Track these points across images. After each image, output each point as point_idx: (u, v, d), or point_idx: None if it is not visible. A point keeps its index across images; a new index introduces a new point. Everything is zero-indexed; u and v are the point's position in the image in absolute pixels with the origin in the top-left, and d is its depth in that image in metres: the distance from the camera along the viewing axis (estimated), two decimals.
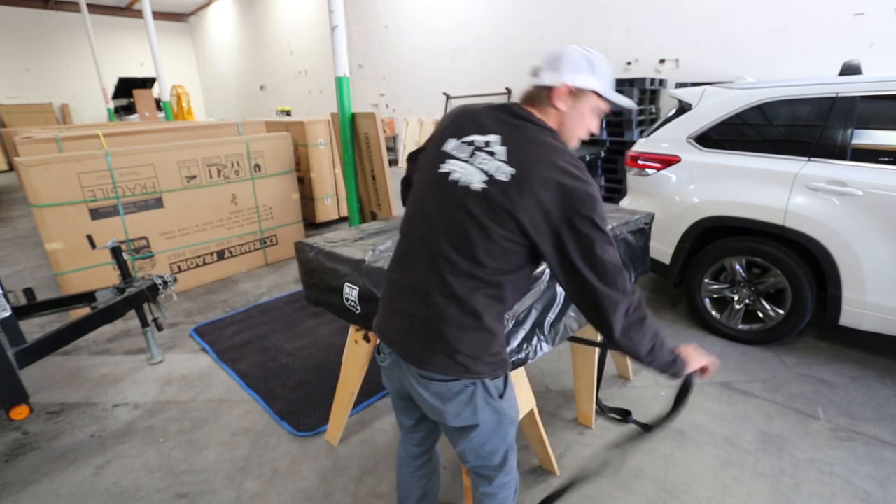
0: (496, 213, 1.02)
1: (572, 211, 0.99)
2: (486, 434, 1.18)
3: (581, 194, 1.00)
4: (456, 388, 1.11)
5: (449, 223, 1.07)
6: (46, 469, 2.04)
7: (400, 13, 9.84)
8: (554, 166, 1.01)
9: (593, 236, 1.00)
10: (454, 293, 1.05)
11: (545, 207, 1.00)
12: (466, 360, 1.07)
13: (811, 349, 2.79)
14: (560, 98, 1.10)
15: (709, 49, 5.79)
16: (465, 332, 1.07)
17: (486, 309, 1.07)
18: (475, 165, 1.06)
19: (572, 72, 1.09)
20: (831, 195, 2.44)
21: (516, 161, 1.03)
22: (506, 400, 1.18)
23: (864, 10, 4.68)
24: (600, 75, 1.11)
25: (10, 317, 2.17)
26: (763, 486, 1.83)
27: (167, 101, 9.92)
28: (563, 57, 1.11)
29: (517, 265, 1.07)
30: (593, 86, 1.10)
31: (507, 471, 1.28)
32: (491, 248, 1.03)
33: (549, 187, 1.00)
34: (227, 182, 4.09)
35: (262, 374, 2.65)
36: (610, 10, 6.61)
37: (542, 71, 1.13)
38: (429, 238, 1.10)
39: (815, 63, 5.03)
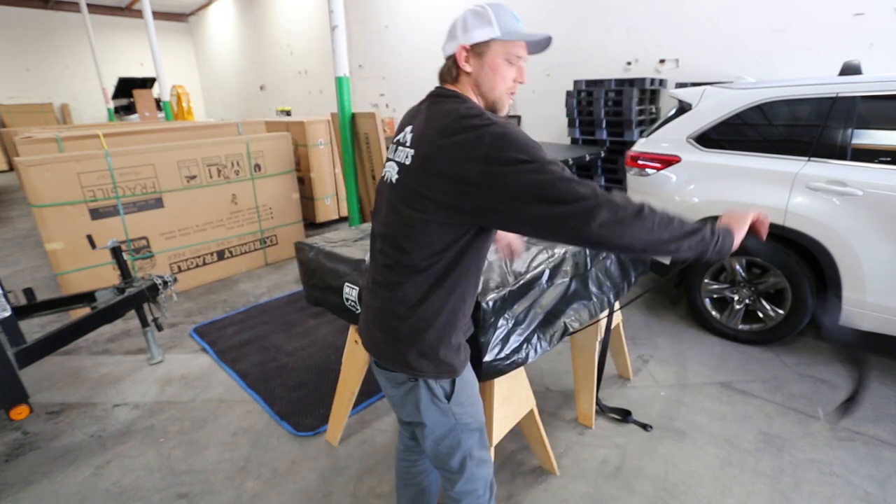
0: (409, 198, 1.02)
1: (481, 160, 0.92)
2: (436, 436, 1.18)
3: (479, 141, 0.93)
4: (400, 379, 1.15)
5: (383, 218, 1.11)
6: (46, 469, 2.04)
7: (400, 13, 9.84)
8: (446, 130, 0.98)
9: (517, 173, 0.91)
10: (390, 282, 1.09)
11: (453, 174, 0.94)
12: (408, 353, 1.09)
13: (811, 349, 2.80)
14: (463, 61, 1.07)
15: (709, 49, 5.79)
16: (402, 322, 1.08)
17: (426, 299, 1.06)
18: (395, 160, 1.09)
19: (463, 32, 1.07)
20: (831, 195, 2.44)
21: (416, 141, 1.04)
22: (457, 405, 1.15)
23: (864, 10, 4.68)
24: (493, 22, 1.05)
25: (10, 317, 2.17)
26: (763, 486, 1.83)
27: (167, 101, 9.92)
28: (455, 23, 1.11)
29: (445, 245, 1.02)
30: (489, 35, 1.05)
31: (467, 479, 1.22)
32: (411, 233, 1.03)
33: (446, 152, 0.96)
34: (227, 182, 4.09)
35: (262, 374, 2.65)
36: (610, 10, 6.61)
37: (444, 45, 1.13)
38: (375, 235, 1.16)
39: (815, 63, 5.02)
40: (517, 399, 1.69)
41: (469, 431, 1.19)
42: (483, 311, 1.32)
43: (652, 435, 2.13)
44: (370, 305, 1.18)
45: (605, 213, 0.90)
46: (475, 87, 1.10)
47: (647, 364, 2.69)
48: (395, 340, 1.11)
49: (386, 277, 1.10)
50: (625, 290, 2.02)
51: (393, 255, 1.07)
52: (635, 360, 2.71)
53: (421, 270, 1.05)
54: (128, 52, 15.91)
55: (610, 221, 0.90)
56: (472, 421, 1.20)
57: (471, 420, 1.19)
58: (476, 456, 1.22)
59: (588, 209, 0.90)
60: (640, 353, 2.79)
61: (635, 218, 0.93)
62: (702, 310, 3.00)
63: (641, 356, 2.76)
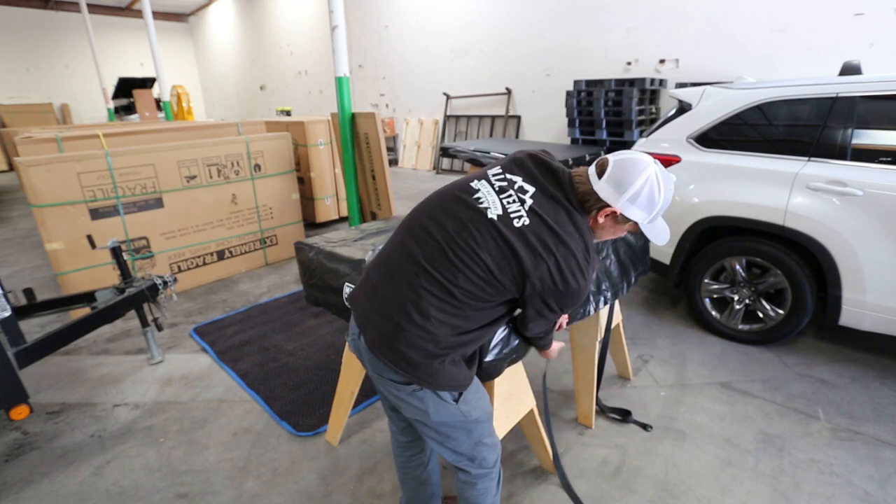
0: (491, 244, 1.07)
1: (542, 290, 1.08)
2: (447, 429, 1.22)
3: (556, 285, 1.08)
4: (406, 390, 1.17)
5: (455, 231, 1.10)
6: (46, 469, 2.04)
7: (400, 13, 9.84)
8: (558, 253, 1.08)
9: (541, 310, 1.14)
10: (419, 286, 1.10)
11: (525, 271, 1.06)
12: (403, 353, 1.12)
13: (811, 349, 2.80)
14: (605, 217, 1.13)
15: (709, 49, 5.80)
16: (410, 326, 1.10)
17: (442, 323, 1.10)
18: (499, 198, 1.11)
19: (630, 202, 1.09)
20: (831, 195, 2.44)
21: (533, 220, 1.09)
22: (464, 403, 1.20)
23: (864, 10, 4.68)
24: (653, 210, 1.11)
25: (10, 317, 2.17)
26: (763, 486, 1.83)
27: (167, 101, 9.93)
28: (631, 183, 1.08)
29: (488, 298, 1.11)
30: (640, 219, 1.12)
31: (479, 464, 1.29)
32: (472, 274, 1.07)
33: (539, 259, 1.06)
34: (227, 182, 4.09)
35: (262, 374, 2.65)
36: (610, 10, 6.61)
37: (607, 178, 1.10)
38: (430, 236, 1.12)
39: (815, 63, 5.03)
40: (517, 399, 1.69)
41: (477, 423, 1.24)
42: None
43: (652, 435, 2.13)
44: (380, 289, 1.16)
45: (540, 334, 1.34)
46: (593, 229, 1.17)
47: (647, 364, 2.69)
48: (393, 338, 1.12)
49: (418, 281, 1.10)
50: (624, 290, 2.02)
51: (444, 275, 1.08)
52: (635, 360, 2.71)
53: (455, 298, 1.09)
54: (128, 52, 15.91)
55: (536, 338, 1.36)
56: (481, 414, 1.24)
57: (479, 414, 1.24)
58: (486, 442, 1.29)
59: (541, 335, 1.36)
60: (640, 353, 2.79)
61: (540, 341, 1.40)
62: (702, 310, 3.00)
63: (641, 356, 2.76)
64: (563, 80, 7.20)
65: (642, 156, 1.11)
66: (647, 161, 1.10)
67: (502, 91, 8.30)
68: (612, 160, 1.11)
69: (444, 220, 1.12)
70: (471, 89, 8.87)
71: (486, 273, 1.07)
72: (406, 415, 1.24)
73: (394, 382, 1.17)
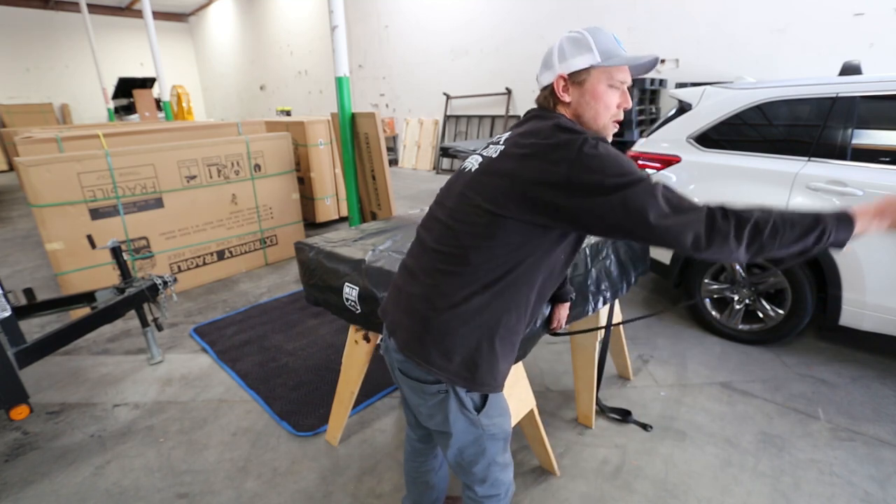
0: (484, 188, 1.01)
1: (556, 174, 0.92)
2: (460, 445, 1.15)
3: (562, 145, 0.94)
4: (430, 391, 1.11)
5: (451, 206, 1.08)
6: (46, 469, 2.04)
7: (400, 13, 9.84)
8: (540, 132, 1.00)
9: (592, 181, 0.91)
10: (436, 270, 1.06)
11: (519, 176, 0.96)
12: (432, 348, 1.05)
13: (811, 349, 2.80)
14: (561, 91, 1.06)
15: (709, 49, 5.80)
16: (436, 315, 1.04)
17: (469, 298, 1.02)
18: (481, 154, 1.09)
19: (561, 60, 1.05)
20: (831, 195, 2.44)
21: (509, 139, 1.06)
22: (486, 416, 1.13)
23: (864, 10, 4.68)
24: (593, 47, 1.03)
25: (10, 317, 2.17)
26: (763, 486, 1.83)
27: (167, 101, 9.92)
28: (550, 51, 1.09)
29: (506, 246, 0.99)
30: (589, 62, 1.03)
31: (490, 485, 1.22)
32: (476, 225, 1.00)
33: (525, 156, 0.98)
34: (227, 182, 4.09)
35: (262, 374, 2.65)
36: (610, 10, 6.61)
37: (540, 75, 1.12)
38: (434, 221, 1.12)
39: (815, 63, 5.03)
40: (517, 399, 1.69)
41: (494, 440, 1.17)
42: None
43: (652, 435, 2.13)
44: (403, 290, 1.13)
45: (706, 230, 0.91)
46: (576, 117, 1.07)
47: (647, 364, 2.69)
48: (422, 331, 1.06)
49: (433, 265, 1.06)
50: (624, 290, 2.02)
51: (448, 244, 1.04)
52: (635, 360, 2.71)
53: (472, 266, 1.01)
54: (128, 52, 15.92)
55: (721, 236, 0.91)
56: (499, 432, 1.17)
57: (496, 430, 1.16)
58: (500, 461, 1.21)
59: (679, 233, 0.90)
60: (640, 353, 2.79)
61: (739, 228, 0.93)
62: (702, 310, 3.00)
63: (641, 356, 2.76)
64: None
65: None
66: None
67: (502, 91, 8.30)
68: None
69: (445, 200, 1.11)
70: (471, 89, 8.87)
71: (487, 214, 0.99)
72: (424, 421, 1.18)
73: (419, 383, 1.11)
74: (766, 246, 0.92)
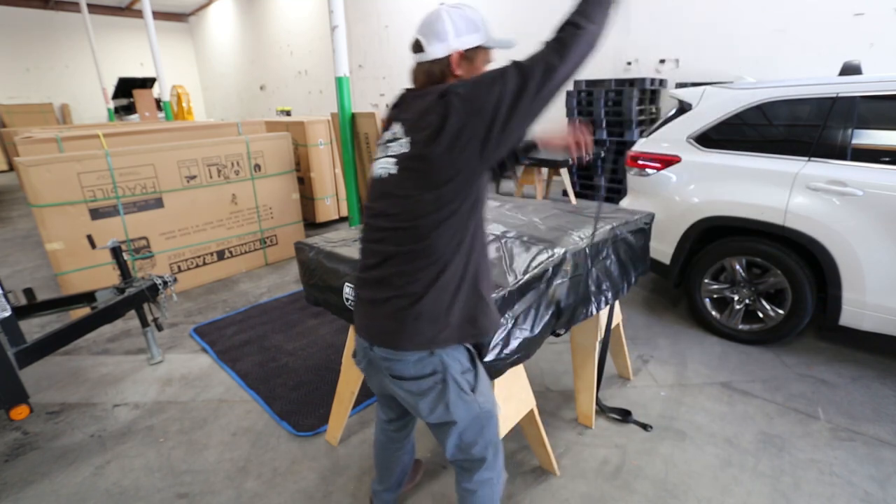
0: (417, 175, 1.06)
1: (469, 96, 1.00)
2: (462, 428, 1.21)
3: (459, 84, 1.03)
4: (426, 385, 1.15)
5: (386, 211, 1.13)
6: (46, 469, 2.04)
7: (400, 13, 9.83)
8: (435, 93, 1.06)
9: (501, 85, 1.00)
10: (402, 272, 1.10)
11: (445, 130, 1.01)
12: (429, 328, 1.10)
13: (811, 349, 2.79)
14: (457, 66, 1.13)
15: (709, 49, 5.79)
16: (421, 300, 1.09)
17: (444, 272, 1.09)
18: (389, 156, 1.13)
19: (456, 36, 1.11)
20: (831, 195, 2.44)
21: (408, 130, 1.09)
22: (479, 394, 1.21)
23: (864, 10, 4.68)
24: (480, 26, 1.14)
25: (10, 317, 2.17)
26: (763, 486, 1.83)
27: (167, 101, 9.92)
28: (442, 23, 1.11)
29: (449, 213, 1.07)
30: (479, 41, 1.14)
31: (487, 467, 1.29)
32: (417, 210, 1.07)
33: (432, 113, 1.03)
34: (227, 182, 4.09)
35: (262, 374, 2.65)
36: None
37: (427, 45, 1.13)
38: (377, 229, 1.16)
39: (815, 63, 5.03)
40: (517, 399, 1.69)
41: (490, 419, 1.25)
42: None
43: (652, 435, 2.13)
44: (377, 299, 1.16)
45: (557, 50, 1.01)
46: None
47: (647, 364, 2.69)
48: (415, 321, 1.10)
49: (402, 266, 1.10)
50: (624, 291, 2.02)
51: (410, 242, 1.09)
52: (635, 360, 2.71)
53: (439, 247, 1.07)
54: (128, 52, 15.90)
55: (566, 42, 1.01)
56: (491, 407, 1.25)
57: (489, 407, 1.25)
58: (495, 442, 1.29)
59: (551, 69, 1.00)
60: (640, 353, 2.79)
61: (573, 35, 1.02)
62: (702, 310, 3.00)
63: (641, 356, 2.76)
64: None
65: (429, 10, 1.15)
66: (434, 8, 1.13)
67: None
68: (415, 32, 1.15)
69: (386, 211, 1.14)
70: None
71: (435, 199, 1.05)
72: (425, 418, 1.20)
73: (416, 381, 1.15)
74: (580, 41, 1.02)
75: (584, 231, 1.88)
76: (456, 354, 1.17)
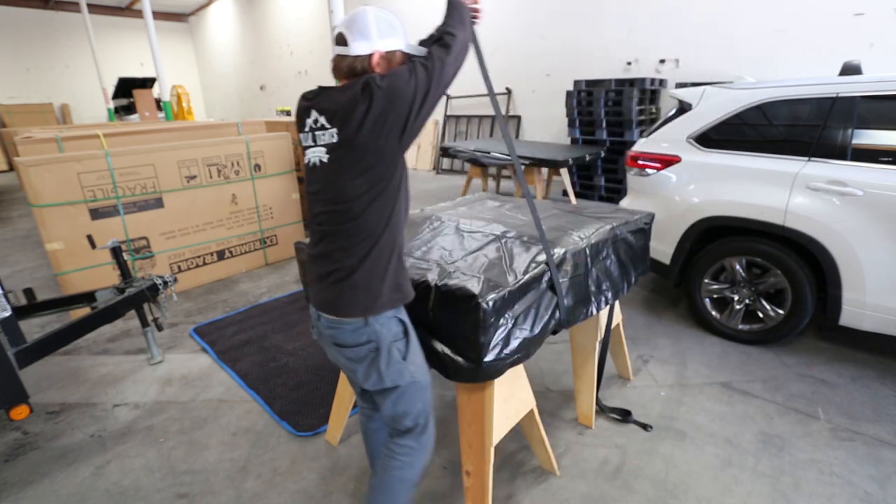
0: (348, 164, 1.20)
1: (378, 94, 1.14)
2: (395, 396, 1.35)
3: (373, 81, 1.16)
4: (362, 353, 1.29)
5: (325, 195, 1.26)
6: (46, 469, 2.04)
7: (400, 13, 9.83)
8: (349, 89, 1.18)
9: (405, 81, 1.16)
10: (343, 248, 1.25)
11: (369, 118, 1.15)
12: (365, 296, 1.24)
13: (811, 349, 2.80)
14: (377, 64, 1.25)
15: (709, 49, 5.80)
16: (358, 271, 1.24)
17: (374, 247, 1.23)
18: (318, 145, 1.26)
19: (380, 37, 1.24)
20: (831, 195, 2.44)
21: (333, 119, 1.21)
22: (410, 363, 1.33)
23: (864, 10, 4.68)
24: (400, 33, 1.28)
25: (10, 317, 2.17)
26: (763, 486, 1.83)
27: (167, 101, 9.93)
28: (367, 24, 1.24)
29: (375, 194, 1.21)
30: (399, 45, 1.27)
31: (413, 437, 1.41)
32: (362, 198, 1.20)
33: (358, 104, 1.16)
34: (227, 182, 4.09)
35: (262, 374, 2.65)
36: (610, 10, 6.61)
37: (352, 41, 1.23)
38: (320, 214, 1.29)
39: (815, 63, 5.03)
40: (517, 399, 1.69)
41: (421, 389, 1.37)
42: (483, 311, 1.32)
43: (652, 435, 2.13)
44: (323, 272, 1.29)
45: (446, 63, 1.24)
46: None
47: (647, 364, 2.69)
48: (354, 290, 1.24)
49: (341, 242, 1.25)
50: (624, 291, 2.02)
51: (347, 221, 1.23)
52: (635, 360, 2.71)
53: (370, 224, 1.22)
54: (128, 52, 15.91)
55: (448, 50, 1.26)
56: (423, 378, 1.37)
57: (422, 377, 1.37)
58: (426, 411, 1.42)
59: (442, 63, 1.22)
60: (640, 353, 2.79)
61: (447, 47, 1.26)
62: (702, 310, 3.00)
63: (641, 356, 2.76)
64: (563, 80, 7.20)
65: (356, 9, 1.28)
66: (359, 8, 1.27)
67: (502, 91, 8.30)
68: (340, 28, 1.26)
69: (322, 195, 1.27)
70: (471, 89, 8.86)
71: (365, 181, 1.19)
72: (362, 383, 1.34)
73: (353, 348, 1.29)
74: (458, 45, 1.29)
75: (584, 231, 1.88)
76: (389, 324, 1.29)
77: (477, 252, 1.69)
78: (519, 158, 4.84)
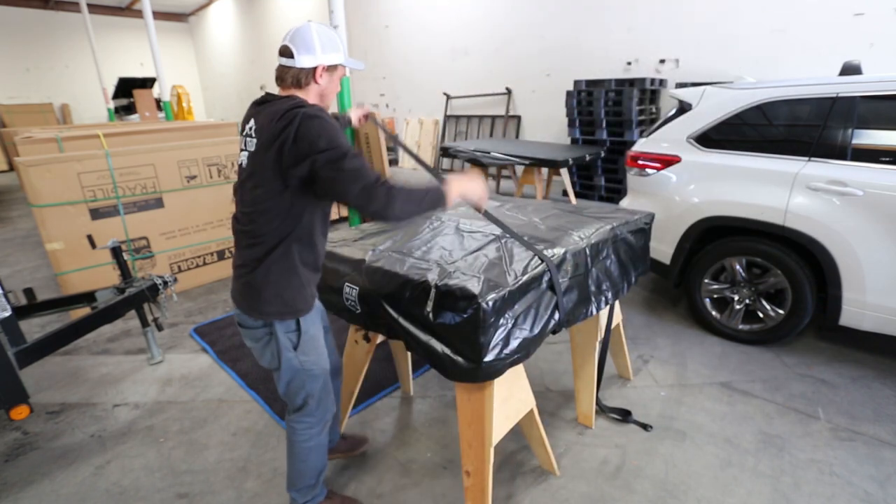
0: (253, 175, 1.32)
1: (298, 143, 1.23)
2: (287, 378, 1.48)
3: (294, 119, 1.23)
4: (259, 335, 1.45)
5: (242, 197, 1.39)
6: (46, 469, 2.04)
7: (400, 13, 9.83)
8: (280, 117, 1.26)
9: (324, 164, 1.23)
10: (248, 245, 1.37)
11: (279, 151, 1.24)
12: (258, 298, 1.37)
13: (811, 349, 2.80)
14: (320, 76, 1.37)
15: (709, 49, 5.79)
16: (253, 274, 1.37)
17: (269, 254, 1.34)
18: (245, 150, 1.38)
19: (323, 52, 1.35)
20: (831, 195, 2.44)
21: (258, 130, 1.32)
22: (302, 353, 1.46)
23: (864, 10, 4.68)
24: (341, 47, 1.39)
25: (10, 317, 2.17)
26: (763, 486, 1.83)
27: (167, 101, 9.92)
28: (311, 38, 1.33)
29: (279, 210, 1.31)
30: (340, 59, 1.40)
31: (307, 413, 1.54)
32: (257, 202, 1.32)
33: (276, 135, 1.24)
34: (228, 182, 4.09)
35: (262, 374, 2.65)
36: (610, 10, 6.61)
37: (297, 54, 1.34)
38: (240, 218, 1.40)
39: (815, 63, 5.02)
40: (517, 399, 1.69)
41: (312, 377, 1.50)
42: (483, 312, 1.32)
43: (652, 435, 2.13)
44: (235, 267, 1.44)
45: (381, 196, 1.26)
46: (320, 96, 1.41)
47: (647, 364, 2.69)
48: (249, 289, 1.38)
49: (245, 241, 1.38)
50: (624, 291, 2.02)
51: (250, 224, 1.35)
52: (635, 360, 2.71)
53: (269, 232, 1.33)
54: (128, 52, 15.89)
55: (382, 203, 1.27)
56: (315, 368, 1.50)
57: (311, 367, 1.49)
58: (316, 396, 1.53)
59: (368, 191, 1.24)
60: (640, 353, 2.79)
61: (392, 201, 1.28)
62: (702, 310, 3.00)
63: (641, 356, 2.76)
64: (563, 80, 7.19)
65: (297, 24, 1.37)
66: (302, 23, 1.37)
67: (502, 91, 8.30)
68: (286, 41, 1.36)
69: (243, 196, 1.39)
70: (471, 89, 8.87)
71: (266, 193, 1.30)
72: (259, 360, 1.50)
73: (251, 330, 1.45)
74: (399, 211, 1.29)
75: (584, 231, 1.88)
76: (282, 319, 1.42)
77: (477, 252, 1.69)
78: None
